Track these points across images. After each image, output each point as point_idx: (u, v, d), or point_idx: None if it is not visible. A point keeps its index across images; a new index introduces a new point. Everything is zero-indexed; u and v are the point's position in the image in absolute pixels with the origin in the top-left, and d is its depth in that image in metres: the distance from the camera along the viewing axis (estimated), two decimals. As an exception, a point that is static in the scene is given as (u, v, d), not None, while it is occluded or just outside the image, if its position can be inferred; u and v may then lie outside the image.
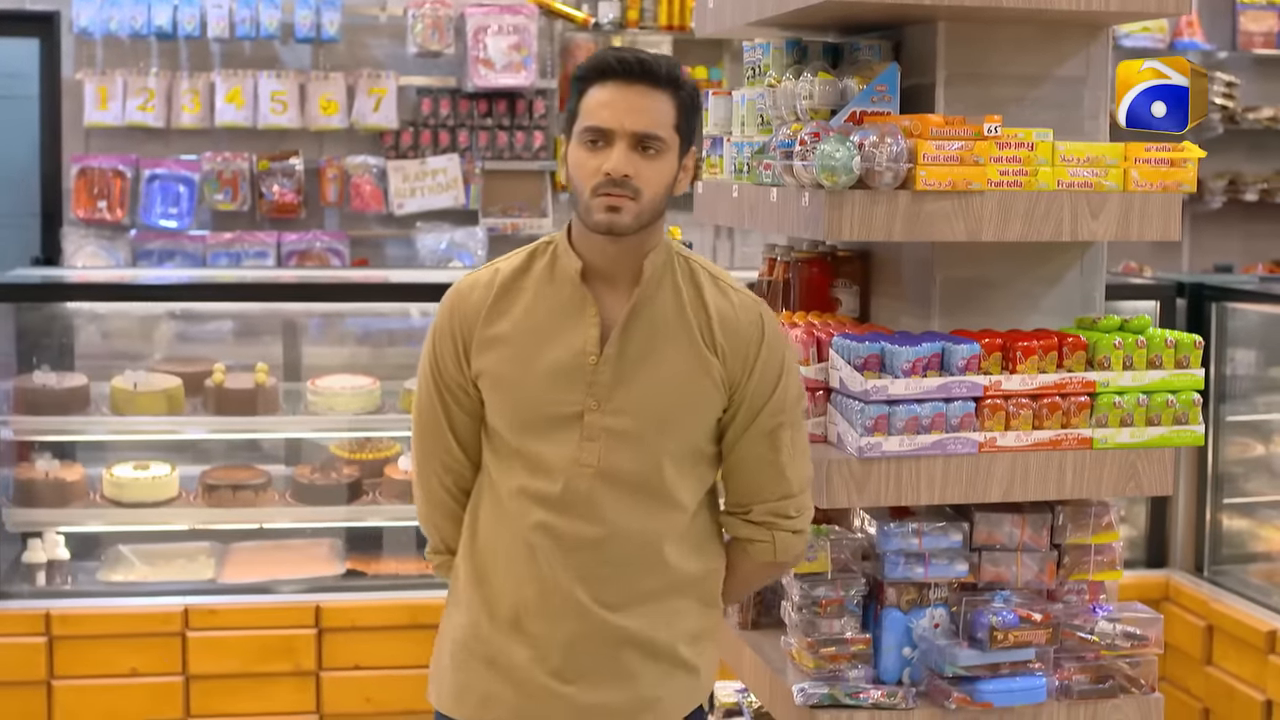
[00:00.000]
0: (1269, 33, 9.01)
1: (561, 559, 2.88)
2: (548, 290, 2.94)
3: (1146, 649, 3.24)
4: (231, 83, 8.03)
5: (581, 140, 2.85)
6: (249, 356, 5.92)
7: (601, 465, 2.87)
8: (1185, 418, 3.20)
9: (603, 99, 2.85)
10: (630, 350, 2.89)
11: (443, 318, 2.99)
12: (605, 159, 2.83)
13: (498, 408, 2.93)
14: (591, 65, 2.89)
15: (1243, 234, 9.11)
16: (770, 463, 2.94)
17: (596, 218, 2.85)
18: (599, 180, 2.83)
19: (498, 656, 2.94)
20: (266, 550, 5.81)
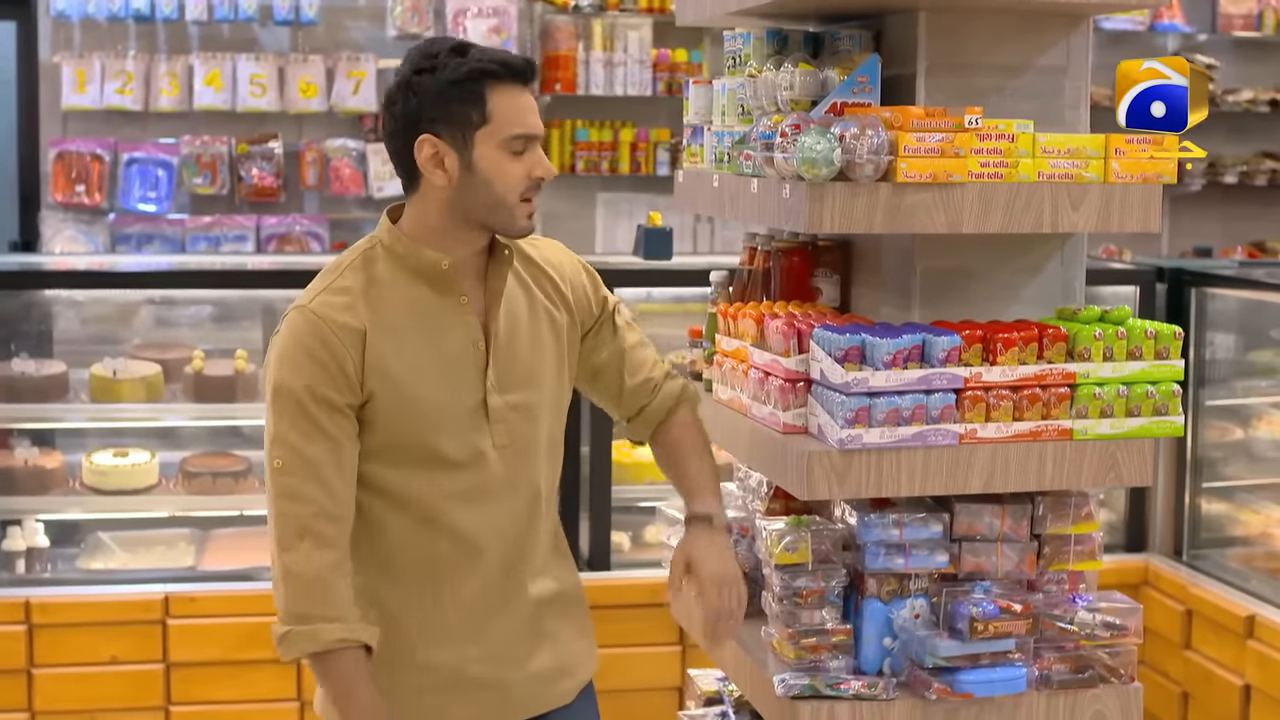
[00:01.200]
0: (1248, 15, 9.03)
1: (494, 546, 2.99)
2: (410, 290, 2.92)
3: (1126, 639, 3.25)
4: (210, 65, 8.01)
5: (508, 148, 2.86)
6: (229, 343, 5.91)
7: (512, 442, 2.98)
8: (1165, 409, 3.21)
9: (523, 103, 2.88)
10: (503, 329, 2.98)
11: (310, 348, 2.82)
12: (533, 164, 2.88)
13: (401, 419, 2.88)
14: (499, 63, 2.86)
15: (1222, 216, 9.14)
16: (639, 341, 3.24)
17: (522, 224, 2.92)
18: (527, 185, 2.89)
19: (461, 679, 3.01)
20: (247, 537, 5.79)
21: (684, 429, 3.24)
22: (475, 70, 2.84)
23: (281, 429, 2.83)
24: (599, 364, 3.20)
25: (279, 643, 2.84)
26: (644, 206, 7.73)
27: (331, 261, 3.00)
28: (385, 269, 2.93)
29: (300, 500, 2.81)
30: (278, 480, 2.83)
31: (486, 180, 2.87)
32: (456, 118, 2.85)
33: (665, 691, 5.42)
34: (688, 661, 5.30)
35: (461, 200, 2.89)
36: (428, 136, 2.87)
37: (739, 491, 3.80)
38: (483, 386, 2.95)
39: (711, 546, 3.07)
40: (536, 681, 3.08)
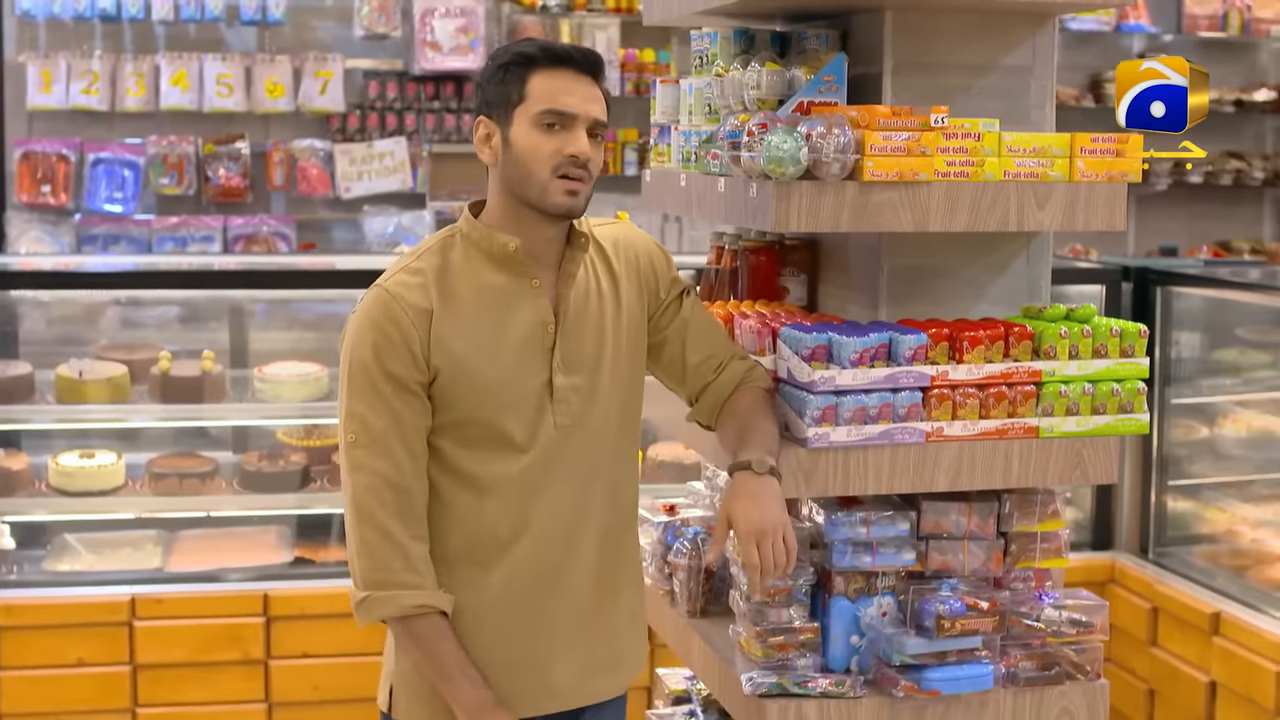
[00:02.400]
0: (1213, 16, 9.07)
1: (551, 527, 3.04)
2: (484, 275, 3.02)
3: (1092, 636, 3.26)
4: (176, 65, 7.97)
5: (538, 123, 2.95)
6: (195, 343, 5.89)
7: (574, 422, 3.03)
8: (1130, 406, 3.22)
9: (562, 85, 2.97)
10: (573, 311, 3.05)
11: (381, 324, 2.95)
12: (566, 142, 2.96)
13: (465, 397, 2.97)
14: (540, 50, 2.99)
15: (1187, 215, 9.17)
16: (709, 323, 3.26)
17: (557, 199, 2.97)
18: (559, 161, 2.96)
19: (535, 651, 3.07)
20: (214, 538, 5.78)
21: (744, 397, 3.18)
22: (521, 54, 2.99)
23: (354, 403, 2.95)
24: (660, 340, 3.24)
25: (357, 607, 2.97)
26: (612, 206, 7.72)
27: (413, 246, 3.12)
28: (460, 254, 3.04)
29: (372, 472, 2.93)
30: (351, 453, 2.96)
31: (520, 155, 2.98)
32: (501, 98, 3.00)
33: (634, 691, 5.40)
34: (656, 661, 5.30)
35: (507, 178, 3.00)
36: (481, 118, 3.04)
37: (707, 490, 3.80)
38: (549, 367, 3.02)
39: (748, 498, 2.94)
40: (582, 670, 3.11)
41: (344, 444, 2.97)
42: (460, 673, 2.95)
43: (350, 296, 6.02)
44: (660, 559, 3.69)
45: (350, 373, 2.96)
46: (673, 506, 3.82)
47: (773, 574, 2.93)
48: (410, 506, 2.95)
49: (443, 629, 2.96)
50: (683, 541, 3.60)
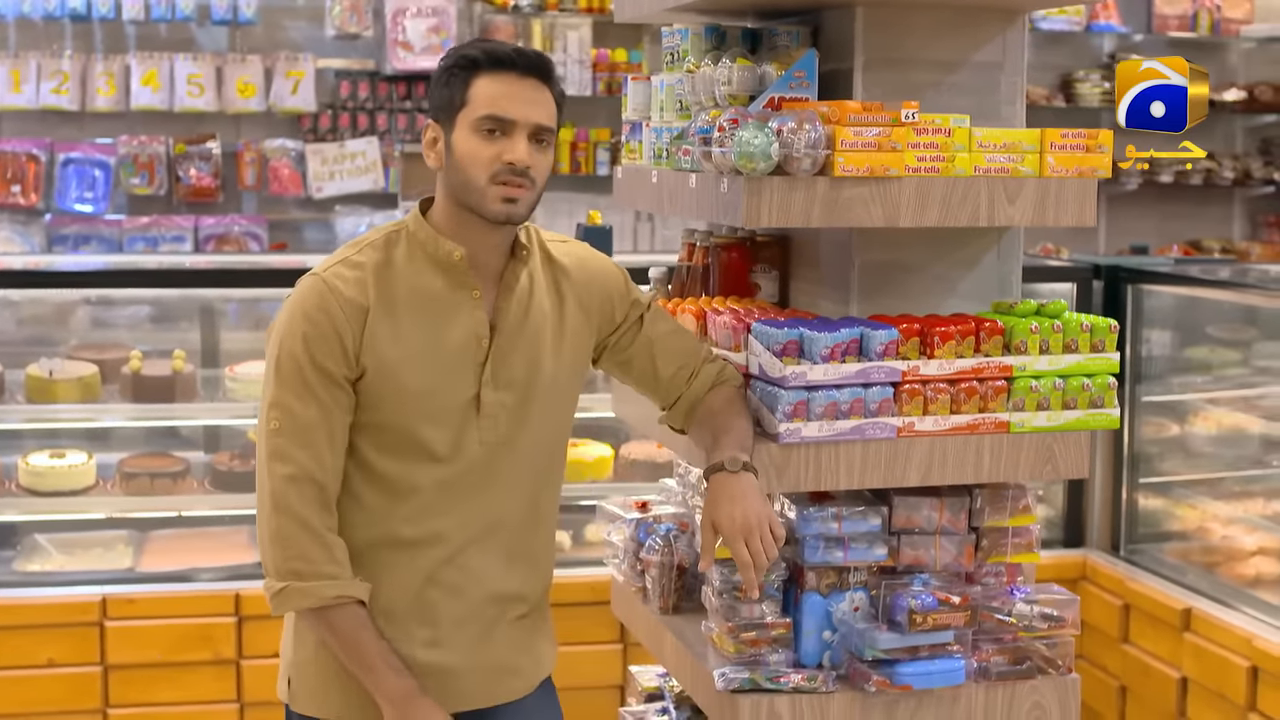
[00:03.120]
0: (1183, 16, 9.11)
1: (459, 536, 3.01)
2: (425, 278, 2.98)
3: (1063, 630, 3.27)
4: (147, 65, 7.96)
5: (477, 129, 2.92)
6: (166, 343, 5.87)
7: (499, 439, 3.00)
8: (1101, 401, 3.23)
9: (502, 90, 2.93)
10: (511, 326, 3.02)
11: (313, 316, 2.91)
12: (504, 148, 2.92)
13: (387, 401, 2.94)
14: (483, 53, 2.95)
15: (1158, 215, 9.21)
16: (673, 330, 3.26)
17: (494, 207, 2.93)
18: (498, 168, 2.92)
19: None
20: (185, 538, 5.76)
21: (717, 398, 3.18)
22: (464, 57, 2.95)
23: (280, 393, 2.91)
24: (626, 357, 3.23)
25: (273, 598, 2.91)
26: (584, 206, 7.71)
27: (356, 237, 3.08)
28: (404, 254, 3.00)
29: (294, 462, 2.88)
30: (272, 441, 2.90)
31: (460, 161, 2.94)
32: (445, 102, 2.97)
33: (607, 690, 5.42)
34: (629, 659, 5.30)
35: (450, 183, 2.98)
36: (430, 122, 3.01)
37: (679, 487, 3.80)
38: (478, 380, 2.98)
39: (728, 500, 2.94)
40: (486, 674, 3.08)
41: (264, 430, 2.91)
42: (382, 662, 2.91)
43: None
44: (633, 556, 3.69)
45: (279, 361, 2.92)
46: (645, 503, 3.82)
47: (765, 567, 2.94)
48: (327, 500, 2.91)
49: (363, 619, 2.92)
50: (655, 538, 3.59)
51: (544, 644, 3.22)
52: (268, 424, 2.91)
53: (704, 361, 3.23)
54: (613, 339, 3.21)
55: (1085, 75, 8.90)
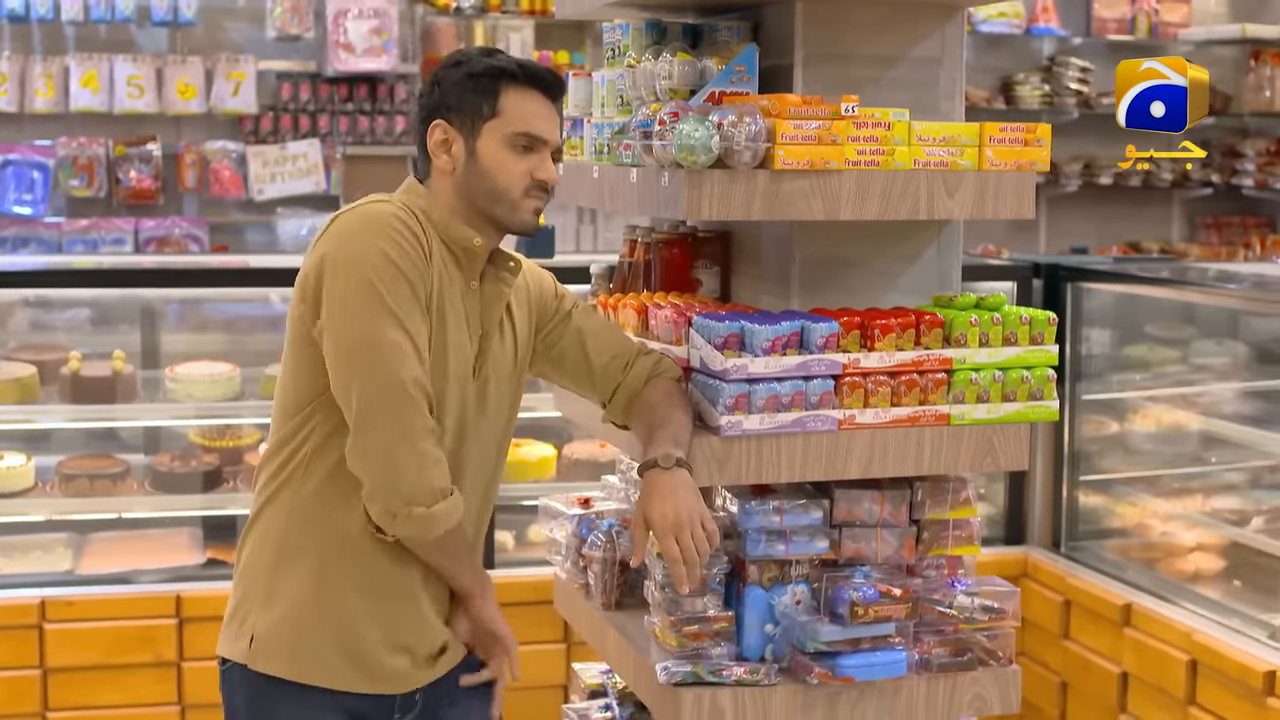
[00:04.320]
0: (1122, 19, 9.18)
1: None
2: (443, 256, 3.02)
3: (1004, 622, 3.29)
4: (86, 66, 7.90)
5: (512, 143, 2.99)
6: (106, 344, 5.83)
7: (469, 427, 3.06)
8: (1040, 393, 3.25)
9: (536, 109, 3.02)
10: (492, 323, 3.10)
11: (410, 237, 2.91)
12: (537, 165, 3.02)
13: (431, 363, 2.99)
14: (518, 66, 3.01)
15: (1098, 217, 9.28)
16: (606, 325, 3.33)
17: (524, 218, 3.04)
18: (529, 184, 3.01)
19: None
20: (126, 540, 5.72)
21: (655, 390, 3.20)
22: (495, 68, 3.01)
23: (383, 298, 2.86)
24: (559, 352, 3.28)
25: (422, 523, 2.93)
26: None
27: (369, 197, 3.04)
28: (428, 227, 3.01)
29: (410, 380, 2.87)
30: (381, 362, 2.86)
31: (488, 171, 3.00)
32: (469, 107, 3.00)
33: (551, 689, 5.42)
34: (572, 658, 5.29)
35: (467, 187, 3.01)
36: (440, 122, 3.03)
37: (621, 484, 3.81)
38: (473, 369, 3.06)
39: (660, 496, 2.95)
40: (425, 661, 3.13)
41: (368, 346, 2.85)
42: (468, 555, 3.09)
43: (262, 296, 5.99)
44: (575, 552, 3.69)
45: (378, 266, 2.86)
46: (587, 500, 3.82)
47: (697, 564, 2.94)
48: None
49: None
50: (597, 534, 3.59)
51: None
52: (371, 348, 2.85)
53: (639, 354, 3.26)
54: (544, 332, 3.26)
55: (1025, 78, 8.96)
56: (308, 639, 3.02)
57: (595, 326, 3.29)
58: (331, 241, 2.91)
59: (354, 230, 2.90)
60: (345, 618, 3.01)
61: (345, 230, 2.92)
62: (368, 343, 2.85)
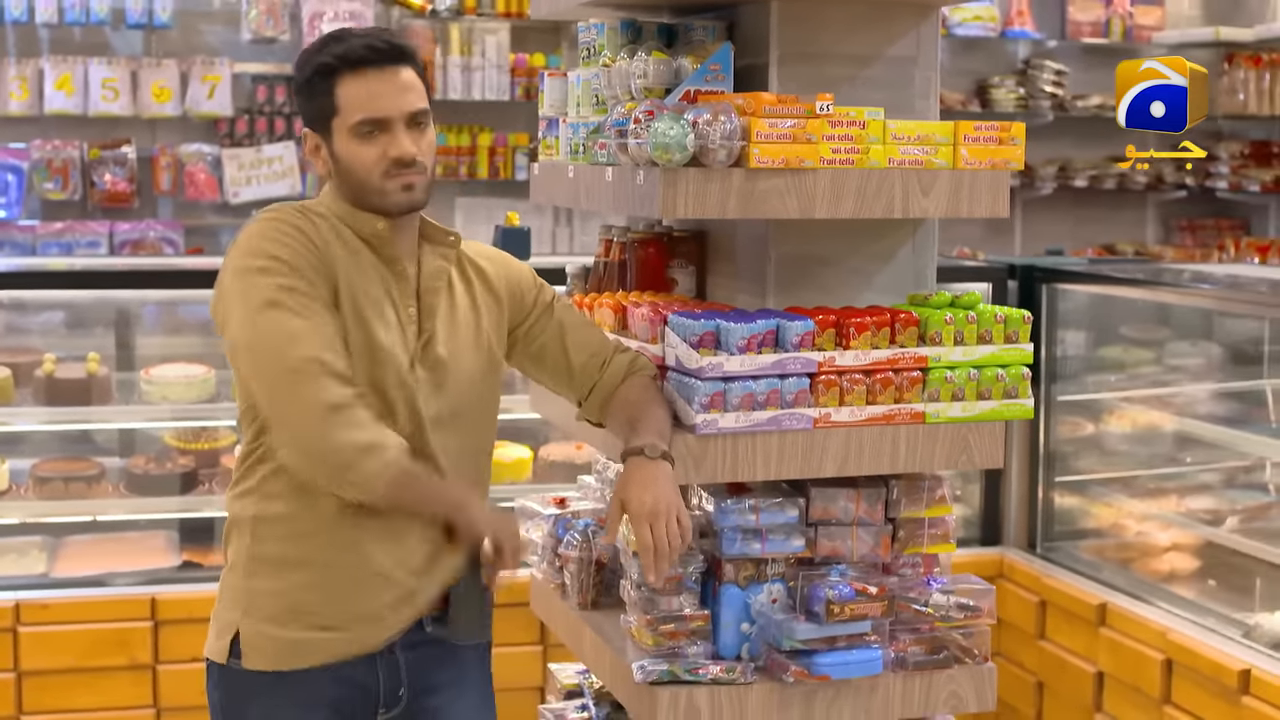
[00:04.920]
0: (1096, 22, 9.20)
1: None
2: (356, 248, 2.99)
3: (980, 620, 3.29)
4: (61, 69, 7.87)
5: (355, 133, 2.93)
6: (81, 347, 5.81)
7: (431, 415, 3.01)
8: (1015, 392, 3.26)
9: (367, 89, 2.92)
10: (434, 309, 3.05)
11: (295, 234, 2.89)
12: (386, 145, 2.93)
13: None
14: (340, 55, 2.93)
15: (1073, 219, 9.30)
16: (584, 323, 3.29)
17: (395, 199, 2.96)
18: (385, 165, 2.93)
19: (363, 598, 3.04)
20: (100, 543, 5.69)
21: (633, 388, 3.19)
22: (320, 66, 2.95)
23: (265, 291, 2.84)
24: (539, 348, 3.25)
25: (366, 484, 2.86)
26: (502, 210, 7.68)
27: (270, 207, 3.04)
28: (325, 223, 2.98)
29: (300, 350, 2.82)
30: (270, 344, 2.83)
31: (348, 167, 2.96)
32: (317, 113, 2.97)
33: (527, 691, 5.41)
34: (549, 659, 5.29)
35: (343, 186, 2.99)
36: (307, 131, 3.01)
37: (597, 484, 3.81)
38: (409, 355, 3.00)
39: (640, 484, 2.95)
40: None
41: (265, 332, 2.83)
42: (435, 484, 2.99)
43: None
44: (551, 552, 3.69)
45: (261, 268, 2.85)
46: (563, 499, 3.82)
47: (668, 555, 2.94)
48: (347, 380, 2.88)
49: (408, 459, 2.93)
50: (573, 534, 3.59)
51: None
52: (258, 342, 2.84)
53: (616, 351, 3.25)
54: (523, 328, 3.22)
55: (1000, 80, 8.97)
56: (285, 630, 3.01)
57: (574, 322, 3.27)
58: (227, 254, 2.96)
59: (240, 240, 2.94)
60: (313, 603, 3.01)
61: (235, 241, 2.96)
62: (253, 337, 2.86)
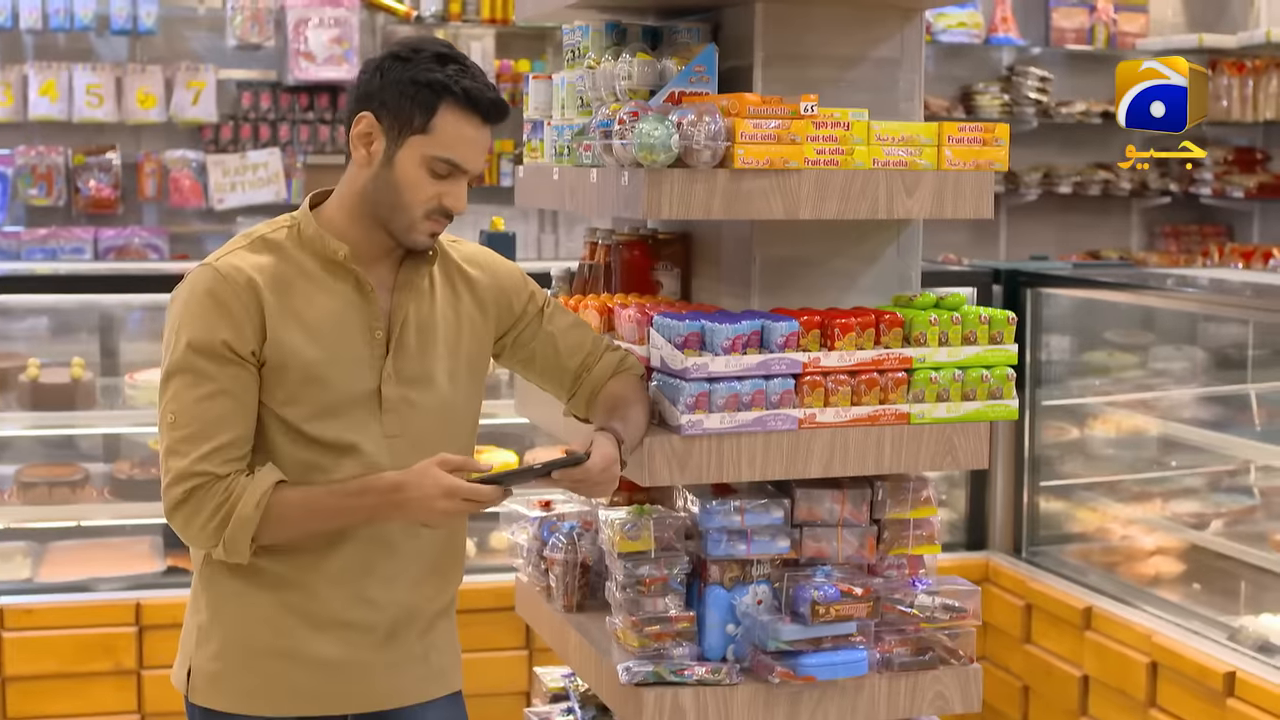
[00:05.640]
0: (1080, 29, 9.22)
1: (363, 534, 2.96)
2: (314, 272, 2.94)
3: (965, 621, 3.30)
4: (45, 75, 7.85)
5: (431, 165, 2.87)
6: (65, 352, 5.80)
7: (405, 435, 2.96)
8: (1000, 392, 3.26)
9: (467, 135, 2.89)
10: (412, 321, 2.99)
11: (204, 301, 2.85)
12: (448, 192, 2.89)
13: (295, 393, 2.90)
14: (464, 89, 2.87)
15: (1057, 225, 9.30)
16: (574, 324, 3.24)
17: (418, 239, 2.93)
18: (434, 208, 2.89)
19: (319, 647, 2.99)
20: (85, 548, 5.69)
21: (619, 383, 3.18)
22: (440, 82, 2.86)
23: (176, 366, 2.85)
24: (529, 353, 3.21)
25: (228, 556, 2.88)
26: (488, 217, 7.70)
27: (246, 230, 3.01)
28: (294, 247, 2.95)
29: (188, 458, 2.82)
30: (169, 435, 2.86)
31: (398, 182, 2.89)
32: (402, 112, 2.88)
33: (513, 696, 5.40)
34: (534, 664, 5.28)
35: (373, 190, 2.91)
36: (368, 114, 2.91)
37: (583, 486, 3.80)
38: (379, 375, 2.95)
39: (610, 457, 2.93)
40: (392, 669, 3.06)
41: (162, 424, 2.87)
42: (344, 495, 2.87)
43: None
44: (536, 554, 3.69)
45: (174, 351, 2.86)
46: (548, 502, 3.81)
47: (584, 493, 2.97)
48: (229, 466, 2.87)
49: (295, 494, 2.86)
50: (558, 536, 3.59)
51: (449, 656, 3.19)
52: (164, 416, 2.87)
53: (605, 349, 3.24)
54: (512, 334, 3.19)
55: (985, 87, 8.98)
56: (229, 671, 3.00)
57: (565, 326, 3.23)
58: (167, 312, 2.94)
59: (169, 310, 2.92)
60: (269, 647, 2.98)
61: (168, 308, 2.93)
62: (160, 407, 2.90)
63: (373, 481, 2.87)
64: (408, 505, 2.84)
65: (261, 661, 2.98)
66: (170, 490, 2.86)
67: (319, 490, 2.88)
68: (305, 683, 2.99)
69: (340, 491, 2.87)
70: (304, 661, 2.98)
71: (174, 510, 2.86)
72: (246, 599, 2.97)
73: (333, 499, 2.88)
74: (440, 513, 2.83)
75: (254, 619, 2.98)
